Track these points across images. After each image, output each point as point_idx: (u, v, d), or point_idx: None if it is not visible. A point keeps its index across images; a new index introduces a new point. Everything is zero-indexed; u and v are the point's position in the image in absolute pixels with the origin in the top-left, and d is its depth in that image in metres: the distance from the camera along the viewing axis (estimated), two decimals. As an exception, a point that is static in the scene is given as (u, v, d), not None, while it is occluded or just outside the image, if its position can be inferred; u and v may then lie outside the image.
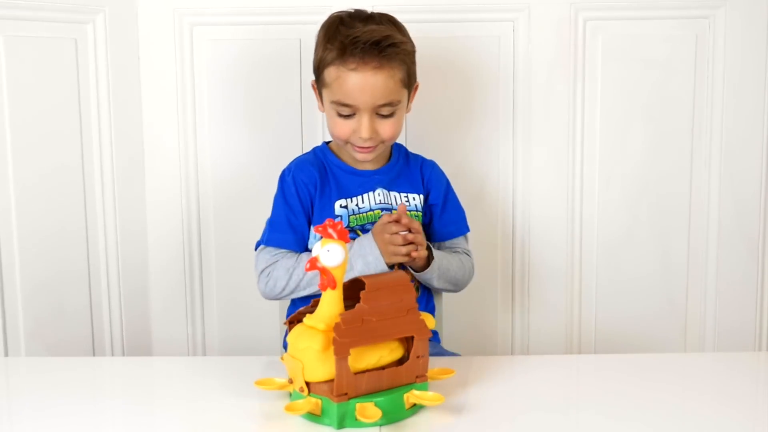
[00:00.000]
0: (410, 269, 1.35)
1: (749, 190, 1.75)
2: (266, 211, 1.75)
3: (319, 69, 1.37)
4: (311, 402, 0.98)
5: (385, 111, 1.33)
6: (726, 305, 1.78)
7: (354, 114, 1.33)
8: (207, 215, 1.77)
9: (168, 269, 1.78)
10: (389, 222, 1.29)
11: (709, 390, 1.14)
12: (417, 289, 1.42)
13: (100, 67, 1.66)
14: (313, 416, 0.99)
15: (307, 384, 0.98)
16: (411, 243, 1.29)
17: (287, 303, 1.60)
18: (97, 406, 1.10)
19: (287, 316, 1.51)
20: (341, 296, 1.00)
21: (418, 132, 1.73)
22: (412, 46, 1.37)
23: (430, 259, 1.35)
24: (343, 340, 0.96)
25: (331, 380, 0.97)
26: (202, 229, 1.77)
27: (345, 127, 1.34)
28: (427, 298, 1.44)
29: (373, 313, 0.99)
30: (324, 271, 0.99)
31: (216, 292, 1.79)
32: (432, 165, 1.48)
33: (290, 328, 1.04)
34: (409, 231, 1.29)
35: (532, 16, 1.70)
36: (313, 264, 0.99)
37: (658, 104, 1.73)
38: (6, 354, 1.53)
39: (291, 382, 1.00)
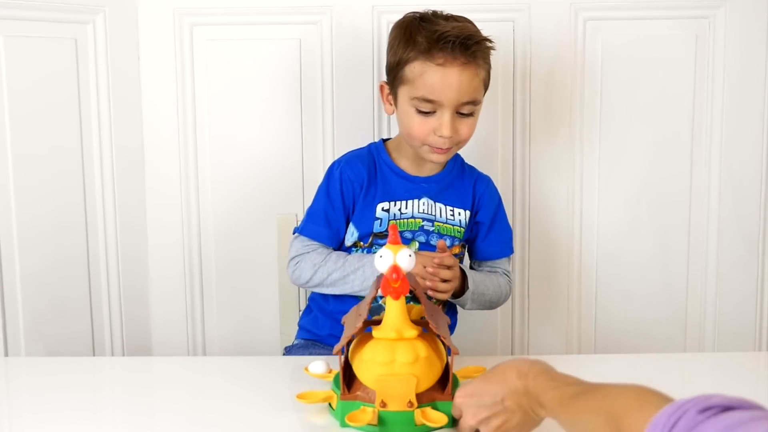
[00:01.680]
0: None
1: (749, 190, 1.75)
2: (266, 211, 1.76)
3: (398, 66, 1.32)
4: (439, 415, 0.97)
5: (466, 110, 1.30)
6: (726, 305, 1.78)
7: (434, 111, 1.29)
8: (207, 215, 1.76)
9: (168, 269, 1.77)
10: (433, 260, 1.26)
11: (709, 390, 1.13)
12: (443, 306, 1.42)
13: (100, 67, 1.66)
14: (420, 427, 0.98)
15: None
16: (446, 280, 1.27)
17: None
18: (98, 407, 1.10)
19: (301, 321, 1.51)
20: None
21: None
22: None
23: (464, 286, 1.33)
24: None
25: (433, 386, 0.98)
26: (201, 228, 1.77)
27: (424, 126, 1.30)
28: (450, 315, 1.44)
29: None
30: (400, 278, 0.98)
31: (216, 292, 1.79)
32: (487, 182, 1.45)
33: (349, 352, 1.03)
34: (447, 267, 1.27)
35: (532, 16, 1.70)
36: (397, 272, 0.98)
37: (658, 104, 1.73)
38: (6, 354, 1.53)
39: (384, 405, 0.96)
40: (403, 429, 0.97)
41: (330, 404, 1.03)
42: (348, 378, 1.02)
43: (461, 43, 1.27)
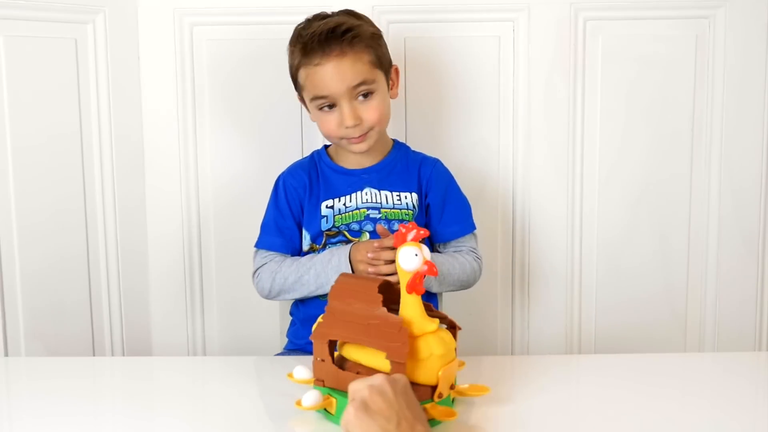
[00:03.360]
0: None
1: (749, 191, 1.75)
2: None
3: (293, 76, 1.41)
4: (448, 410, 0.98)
5: (363, 91, 1.35)
6: (726, 305, 1.78)
7: (335, 105, 1.35)
8: (207, 214, 1.77)
9: (168, 269, 1.78)
10: (377, 247, 1.27)
11: (709, 390, 1.14)
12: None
13: (100, 67, 1.66)
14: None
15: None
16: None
17: (287, 304, 1.60)
18: (98, 407, 1.10)
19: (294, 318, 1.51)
20: None
21: (418, 132, 1.73)
22: (374, 29, 1.39)
23: None
24: None
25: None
26: (202, 228, 1.77)
27: (331, 122, 1.36)
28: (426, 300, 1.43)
29: None
30: (417, 275, 0.98)
31: (216, 291, 1.79)
32: (433, 163, 1.47)
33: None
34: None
35: (532, 16, 1.70)
36: (431, 267, 0.98)
37: (658, 104, 1.73)
38: (6, 354, 1.53)
39: (441, 396, 0.97)
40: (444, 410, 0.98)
41: (326, 410, 0.99)
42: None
43: (328, 36, 1.32)
